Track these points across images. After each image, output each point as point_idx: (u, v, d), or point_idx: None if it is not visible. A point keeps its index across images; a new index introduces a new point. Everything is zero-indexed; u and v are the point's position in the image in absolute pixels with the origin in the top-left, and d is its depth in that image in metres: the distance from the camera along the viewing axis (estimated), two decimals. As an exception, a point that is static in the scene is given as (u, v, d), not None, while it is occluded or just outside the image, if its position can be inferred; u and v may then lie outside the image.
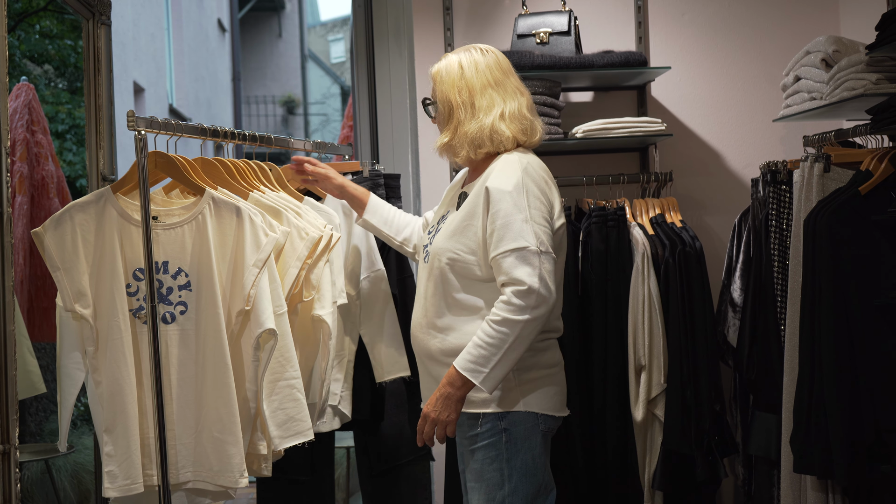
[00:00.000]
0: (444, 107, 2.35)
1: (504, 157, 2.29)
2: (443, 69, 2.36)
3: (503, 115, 2.30)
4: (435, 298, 2.29)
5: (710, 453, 3.04)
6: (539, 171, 2.29)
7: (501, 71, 2.34)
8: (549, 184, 2.28)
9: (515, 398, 2.23)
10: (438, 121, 2.40)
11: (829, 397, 2.43)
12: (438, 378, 2.26)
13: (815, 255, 2.50)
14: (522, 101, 2.34)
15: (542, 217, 2.19)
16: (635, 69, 3.29)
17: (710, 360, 3.05)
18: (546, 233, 2.18)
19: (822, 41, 2.89)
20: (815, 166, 2.66)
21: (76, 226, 2.30)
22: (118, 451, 2.27)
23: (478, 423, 2.24)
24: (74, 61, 6.19)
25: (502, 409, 2.23)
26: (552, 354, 2.31)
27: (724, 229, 3.51)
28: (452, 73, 2.33)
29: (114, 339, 2.28)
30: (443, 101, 2.35)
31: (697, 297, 3.04)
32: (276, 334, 2.29)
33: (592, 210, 3.13)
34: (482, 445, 2.24)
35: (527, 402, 2.24)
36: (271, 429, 2.36)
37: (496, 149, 2.31)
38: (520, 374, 2.24)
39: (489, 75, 2.32)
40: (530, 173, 2.24)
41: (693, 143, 3.61)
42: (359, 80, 3.82)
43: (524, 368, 2.24)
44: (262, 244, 2.30)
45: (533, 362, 2.25)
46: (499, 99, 2.31)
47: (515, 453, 2.22)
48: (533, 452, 2.23)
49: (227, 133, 2.60)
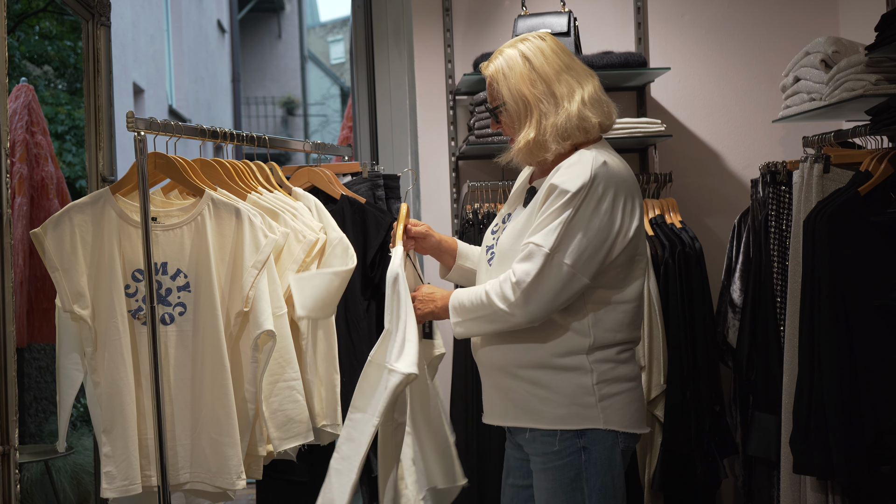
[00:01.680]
0: (518, 104, 2.12)
1: (580, 153, 2.08)
2: (503, 66, 2.14)
3: (584, 100, 2.10)
4: None
5: (710, 454, 3.04)
6: (616, 177, 2.04)
7: (567, 54, 2.15)
8: (621, 193, 2.04)
9: (595, 415, 2.04)
10: (509, 124, 2.17)
11: (828, 398, 2.43)
12: (506, 391, 2.11)
13: (815, 255, 2.50)
14: (595, 81, 2.16)
15: (593, 232, 2.00)
16: (635, 70, 3.29)
17: (710, 360, 3.05)
18: (586, 251, 1.99)
19: (821, 42, 2.89)
20: (815, 167, 2.66)
21: (75, 227, 2.30)
22: (116, 452, 2.27)
23: (555, 441, 2.06)
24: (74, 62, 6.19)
25: (581, 426, 2.04)
26: (632, 367, 2.12)
27: (724, 230, 3.51)
28: (518, 67, 2.12)
29: (112, 340, 2.28)
30: (515, 99, 2.12)
31: (697, 297, 3.05)
32: (275, 336, 2.29)
33: (592, 211, 3.13)
34: (558, 465, 2.06)
35: (607, 418, 2.05)
36: (270, 430, 2.36)
37: (584, 137, 2.10)
38: (600, 387, 2.05)
39: (559, 60, 2.12)
40: (603, 178, 2.02)
41: (693, 143, 3.61)
42: (358, 81, 3.82)
43: (604, 382, 2.05)
44: (261, 245, 2.31)
45: (614, 375, 2.07)
46: (576, 83, 2.11)
47: (595, 474, 2.05)
48: (612, 473, 2.05)
49: (227, 134, 2.60)
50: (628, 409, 2.08)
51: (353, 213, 2.86)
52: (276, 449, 2.37)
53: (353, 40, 3.89)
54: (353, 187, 3.01)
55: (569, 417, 2.05)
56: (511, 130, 2.17)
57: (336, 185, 2.94)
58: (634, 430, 2.10)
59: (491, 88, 2.18)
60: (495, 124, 2.22)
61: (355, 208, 2.88)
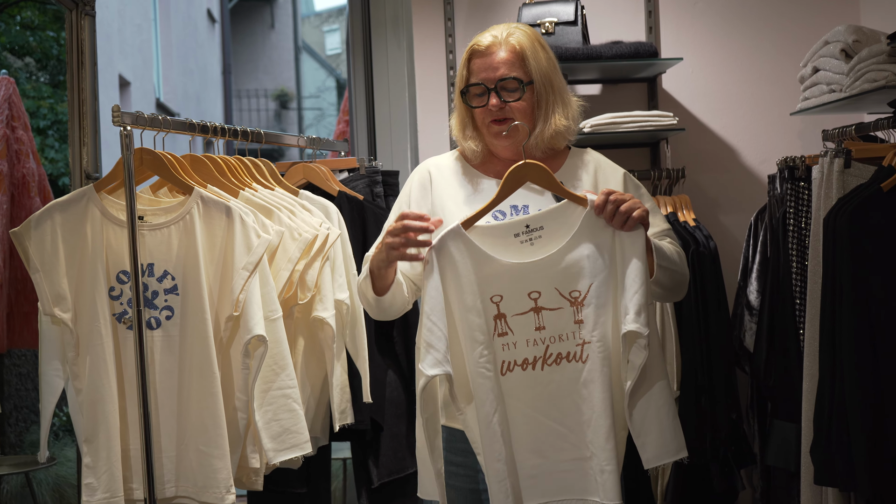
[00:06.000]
0: (546, 87, 2.16)
1: (588, 150, 2.27)
2: (536, 43, 2.16)
3: (573, 104, 2.23)
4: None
5: (727, 464, 3.03)
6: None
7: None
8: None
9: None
10: (525, 106, 2.16)
11: (851, 405, 2.42)
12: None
13: (836, 255, 2.49)
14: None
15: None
16: (645, 60, 3.28)
17: (726, 366, 3.04)
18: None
19: (841, 31, 2.88)
20: (835, 162, 2.66)
21: (57, 226, 2.29)
22: (98, 463, 2.26)
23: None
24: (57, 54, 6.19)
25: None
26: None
27: (740, 228, 3.50)
28: (541, 53, 2.16)
29: (95, 345, 2.27)
30: (544, 82, 2.15)
31: (712, 300, 3.04)
32: (266, 341, 2.28)
33: (601, 208, 3.13)
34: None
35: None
36: (265, 441, 2.35)
37: (565, 144, 2.24)
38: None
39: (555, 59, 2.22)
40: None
41: (706, 137, 3.60)
42: (355, 73, 3.82)
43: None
44: (253, 246, 2.30)
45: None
46: (566, 86, 2.23)
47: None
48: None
49: (217, 129, 2.59)
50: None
51: (351, 211, 2.85)
52: (270, 461, 2.36)
53: (349, 30, 3.88)
54: (350, 184, 3.00)
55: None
56: (525, 115, 2.16)
57: (332, 181, 2.93)
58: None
59: (516, 58, 2.14)
60: (499, 101, 2.14)
61: (353, 206, 2.87)
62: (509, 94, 2.15)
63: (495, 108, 2.15)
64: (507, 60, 2.14)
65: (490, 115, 2.16)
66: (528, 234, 2.03)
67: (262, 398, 2.35)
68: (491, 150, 2.23)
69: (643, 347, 1.96)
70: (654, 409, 2.00)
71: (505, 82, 2.13)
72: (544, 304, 2.01)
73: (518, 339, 2.01)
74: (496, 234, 2.04)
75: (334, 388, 2.58)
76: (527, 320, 2.01)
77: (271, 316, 2.35)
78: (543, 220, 2.03)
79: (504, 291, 2.01)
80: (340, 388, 2.61)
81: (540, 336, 2.01)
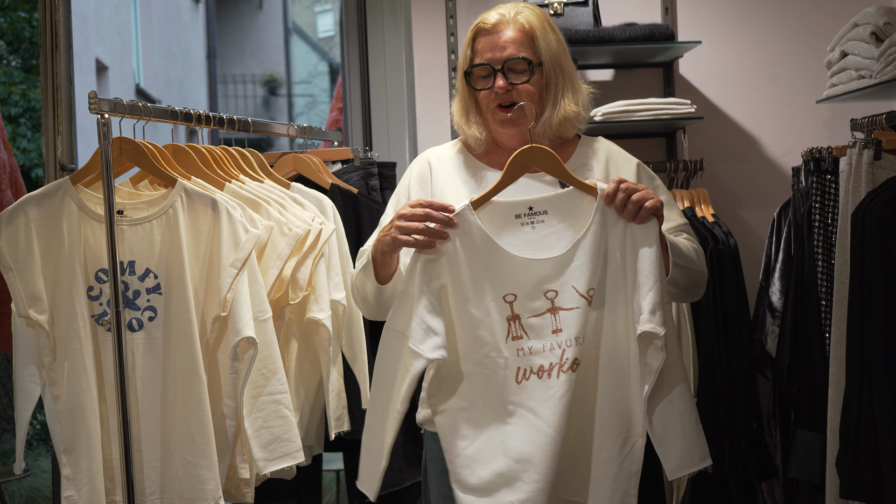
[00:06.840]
0: (556, 71, 2.16)
1: (601, 140, 2.28)
2: (546, 24, 2.17)
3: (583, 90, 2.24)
4: None
5: (746, 477, 3.04)
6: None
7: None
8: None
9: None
10: (533, 89, 2.15)
11: (880, 414, 2.42)
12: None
13: (865, 252, 2.50)
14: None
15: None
16: (661, 44, 3.28)
17: (746, 372, 3.04)
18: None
19: (871, 12, 2.88)
20: (864, 153, 2.66)
21: (31, 221, 2.30)
22: (79, 474, 2.27)
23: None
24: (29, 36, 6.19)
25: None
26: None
27: (762, 224, 3.50)
28: (551, 34, 2.17)
29: (73, 349, 2.28)
30: (553, 65, 2.15)
31: (731, 301, 3.04)
32: (256, 343, 2.29)
33: (613, 203, 3.13)
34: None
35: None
36: (255, 450, 2.36)
37: (575, 132, 2.25)
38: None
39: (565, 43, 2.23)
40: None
41: (726, 127, 3.60)
42: (349, 57, 3.82)
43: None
44: (241, 242, 2.30)
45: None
46: (576, 71, 2.24)
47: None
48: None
49: (202, 117, 2.60)
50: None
51: (344, 205, 2.86)
52: (261, 471, 2.37)
53: (343, 11, 3.88)
54: (343, 176, 3.01)
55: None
56: (532, 98, 2.15)
57: (325, 173, 2.94)
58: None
59: (525, 38, 2.14)
60: (506, 83, 2.14)
61: (347, 199, 2.87)
62: (517, 76, 2.14)
63: (501, 91, 2.14)
64: (515, 40, 2.14)
65: (496, 99, 2.15)
66: (531, 216, 2.01)
67: (251, 404, 2.36)
68: (496, 140, 2.23)
69: (660, 349, 1.94)
70: (676, 415, 1.99)
71: (512, 63, 2.13)
72: (561, 304, 1.98)
73: (534, 344, 1.98)
74: (497, 211, 2.01)
75: (330, 394, 2.59)
76: (543, 322, 1.99)
77: (261, 317, 2.36)
78: (548, 204, 2.01)
79: (518, 290, 1.98)
80: (336, 394, 2.62)
81: (557, 340, 1.98)
